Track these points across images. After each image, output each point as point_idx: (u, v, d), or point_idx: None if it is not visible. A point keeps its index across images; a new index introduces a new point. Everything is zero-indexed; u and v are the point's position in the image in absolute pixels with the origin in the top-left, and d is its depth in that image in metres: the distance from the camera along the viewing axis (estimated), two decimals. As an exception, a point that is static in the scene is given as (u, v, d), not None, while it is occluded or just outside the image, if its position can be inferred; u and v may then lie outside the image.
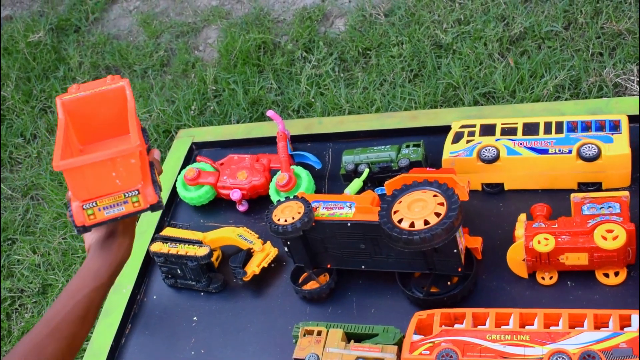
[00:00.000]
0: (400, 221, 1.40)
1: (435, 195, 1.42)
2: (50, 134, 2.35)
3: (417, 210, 1.41)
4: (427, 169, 1.57)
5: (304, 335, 1.47)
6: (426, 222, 1.38)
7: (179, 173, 1.95)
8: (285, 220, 1.50)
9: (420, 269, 1.50)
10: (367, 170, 1.71)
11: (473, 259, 1.51)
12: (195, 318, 1.68)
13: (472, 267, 1.49)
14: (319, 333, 1.46)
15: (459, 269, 1.46)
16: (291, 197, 1.58)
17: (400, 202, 1.44)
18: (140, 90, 2.35)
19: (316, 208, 1.53)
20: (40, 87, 2.53)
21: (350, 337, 1.47)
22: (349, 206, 1.52)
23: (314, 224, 1.50)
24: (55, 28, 2.67)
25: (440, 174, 1.49)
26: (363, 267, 1.53)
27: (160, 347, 1.67)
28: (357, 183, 1.69)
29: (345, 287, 1.61)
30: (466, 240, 1.49)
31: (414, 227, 1.38)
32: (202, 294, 1.72)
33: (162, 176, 1.98)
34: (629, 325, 1.31)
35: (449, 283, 1.49)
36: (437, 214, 1.38)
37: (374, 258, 1.51)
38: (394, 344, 1.42)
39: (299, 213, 1.50)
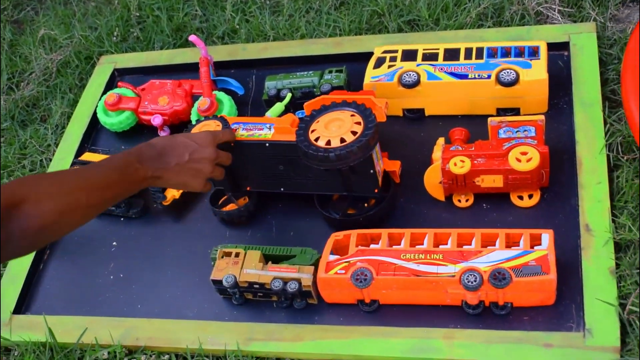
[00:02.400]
0: (317, 139, 1.39)
1: (352, 115, 1.41)
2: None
3: (334, 129, 1.40)
4: (348, 92, 1.55)
5: (222, 257, 1.46)
6: (342, 140, 1.37)
7: (100, 99, 1.90)
8: None
9: (338, 191, 1.49)
10: (289, 95, 1.68)
11: (391, 182, 1.51)
12: (114, 243, 1.67)
13: (389, 190, 1.49)
14: (237, 255, 1.46)
15: (375, 190, 1.45)
16: (206, 117, 1.55)
17: (318, 121, 1.43)
18: (62, 17, 2.27)
19: (236, 129, 1.50)
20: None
21: (268, 258, 1.47)
22: (268, 127, 1.49)
23: (232, 144, 1.47)
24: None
25: (359, 95, 1.47)
26: (282, 189, 1.52)
27: (79, 272, 1.65)
28: (278, 107, 1.67)
29: (265, 211, 1.61)
30: (385, 164, 1.49)
31: (330, 145, 1.37)
32: (121, 219, 1.70)
33: (82, 103, 1.94)
34: (540, 244, 1.33)
35: (365, 205, 1.49)
36: (354, 133, 1.37)
37: (293, 180, 1.50)
38: (311, 265, 1.42)
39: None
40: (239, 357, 1.40)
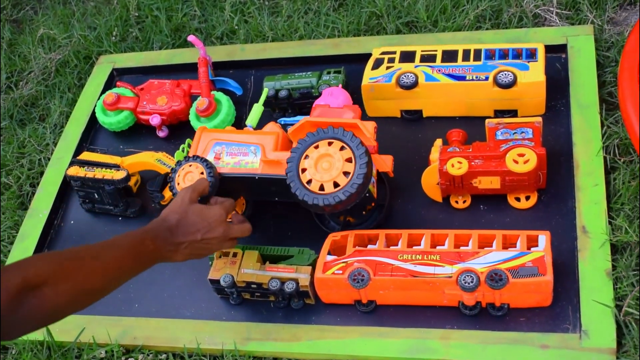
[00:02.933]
0: (309, 182, 1.35)
1: (342, 149, 1.35)
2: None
3: (325, 168, 1.35)
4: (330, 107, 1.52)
5: (220, 257, 1.46)
6: (336, 185, 1.33)
7: (99, 98, 1.90)
8: None
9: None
10: (265, 90, 1.65)
11: (386, 185, 1.50)
12: (112, 242, 1.65)
13: (386, 197, 1.48)
14: (235, 254, 1.46)
15: (372, 204, 1.46)
16: (187, 157, 1.47)
17: (307, 157, 1.37)
18: (61, 17, 2.27)
19: (219, 154, 1.47)
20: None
21: (266, 258, 1.47)
22: (253, 152, 1.46)
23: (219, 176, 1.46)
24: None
25: (342, 120, 1.42)
26: (276, 198, 1.49)
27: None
28: (257, 108, 1.61)
29: (263, 211, 1.59)
30: (377, 164, 1.46)
31: (323, 190, 1.34)
32: (120, 218, 1.70)
33: (81, 103, 1.94)
34: (536, 246, 1.33)
35: (363, 213, 1.48)
36: (346, 173, 1.34)
37: (287, 193, 1.44)
38: (308, 265, 1.42)
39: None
40: (236, 356, 1.40)
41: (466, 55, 1.60)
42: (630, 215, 1.38)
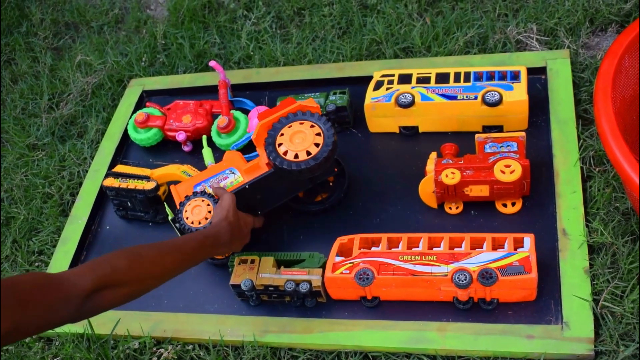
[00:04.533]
0: (285, 153, 1.39)
1: (312, 127, 1.40)
2: (14, 83, 2.26)
3: (299, 141, 1.39)
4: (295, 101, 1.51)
5: (239, 264, 1.45)
6: (308, 153, 1.38)
7: (130, 117, 1.90)
8: (200, 223, 1.43)
9: (306, 186, 1.51)
10: (204, 137, 1.73)
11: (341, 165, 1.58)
12: (144, 245, 1.65)
13: (342, 166, 1.57)
14: (252, 261, 1.45)
15: (335, 169, 1.54)
16: (194, 193, 1.48)
17: (282, 134, 1.41)
18: (97, 45, 2.27)
19: (203, 191, 1.49)
20: (4, 41, 2.42)
21: (280, 263, 1.46)
22: (231, 173, 1.51)
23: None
24: (19, -13, 2.55)
25: (293, 107, 1.45)
26: (259, 212, 1.51)
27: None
28: (207, 151, 1.67)
29: (277, 222, 1.59)
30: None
31: (298, 158, 1.38)
32: (150, 224, 1.69)
33: (115, 121, 1.94)
34: (522, 247, 1.32)
35: (330, 184, 1.57)
36: (317, 144, 1.38)
37: (268, 201, 1.50)
38: (319, 267, 1.41)
39: (209, 212, 1.44)
40: (255, 347, 1.39)
41: (457, 77, 1.59)
42: (605, 219, 1.37)
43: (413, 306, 1.36)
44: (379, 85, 1.64)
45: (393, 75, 1.65)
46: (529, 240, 1.32)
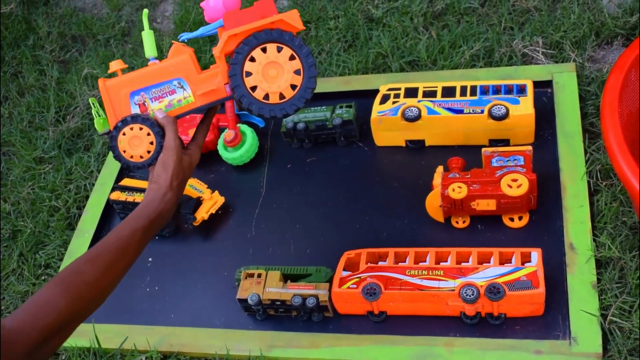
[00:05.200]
0: (253, 89, 1.14)
1: (292, 58, 1.14)
2: (21, 96, 2.27)
3: (273, 76, 1.14)
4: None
5: (246, 278, 1.45)
6: (282, 96, 1.15)
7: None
8: (141, 157, 1.18)
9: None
10: (145, 11, 1.27)
11: None
12: (150, 259, 1.65)
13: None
14: (259, 275, 1.44)
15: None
16: (122, 121, 1.16)
17: (252, 59, 1.13)
18: (103, 58, 2.28)
19: (143, 103, 1.17)
20: (11, 54, 2.43)
21: (287, 277, 1.46)
22: (179, 86, 1.17)
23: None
24: (26, 1, 2.56)
25: (267, 21, 1.13)
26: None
27: (119, 285, 1.62)
28: (148, 35, 1.24)
29: (284, 236, 1.59)
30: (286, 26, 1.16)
31: (268, 99, 1.15)
32: (156, 237, 1.69)
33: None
34: (529, 261, 1.32)
35: None
36: (293, 86, 1.15)
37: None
38: (325, 282, 1.41)
39: (151, 144, 1.17)
40: (262, 362, 1.39)
41: (463, 91, 1.59)
42: (612, 233, 1.37)
43: (420, 321, 1.36)
44: (385, 99, 1.64)
45: (399, 88, 1.65)
46: (536, 254, 1.32)
